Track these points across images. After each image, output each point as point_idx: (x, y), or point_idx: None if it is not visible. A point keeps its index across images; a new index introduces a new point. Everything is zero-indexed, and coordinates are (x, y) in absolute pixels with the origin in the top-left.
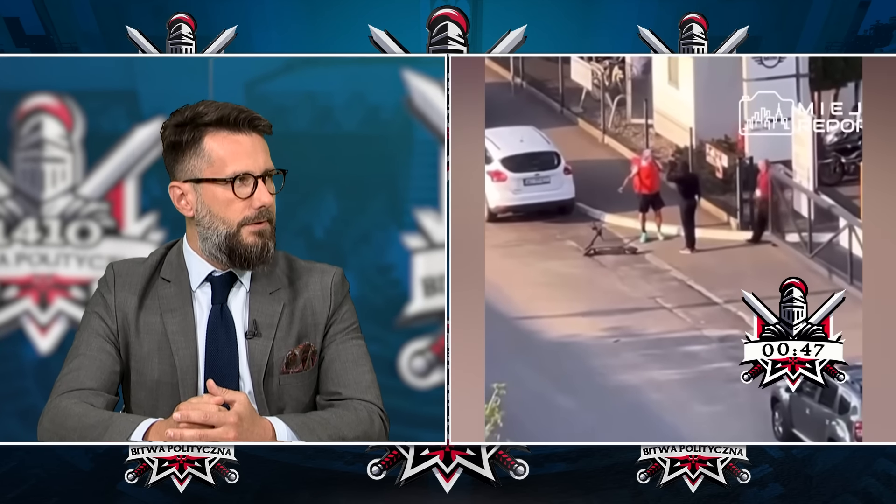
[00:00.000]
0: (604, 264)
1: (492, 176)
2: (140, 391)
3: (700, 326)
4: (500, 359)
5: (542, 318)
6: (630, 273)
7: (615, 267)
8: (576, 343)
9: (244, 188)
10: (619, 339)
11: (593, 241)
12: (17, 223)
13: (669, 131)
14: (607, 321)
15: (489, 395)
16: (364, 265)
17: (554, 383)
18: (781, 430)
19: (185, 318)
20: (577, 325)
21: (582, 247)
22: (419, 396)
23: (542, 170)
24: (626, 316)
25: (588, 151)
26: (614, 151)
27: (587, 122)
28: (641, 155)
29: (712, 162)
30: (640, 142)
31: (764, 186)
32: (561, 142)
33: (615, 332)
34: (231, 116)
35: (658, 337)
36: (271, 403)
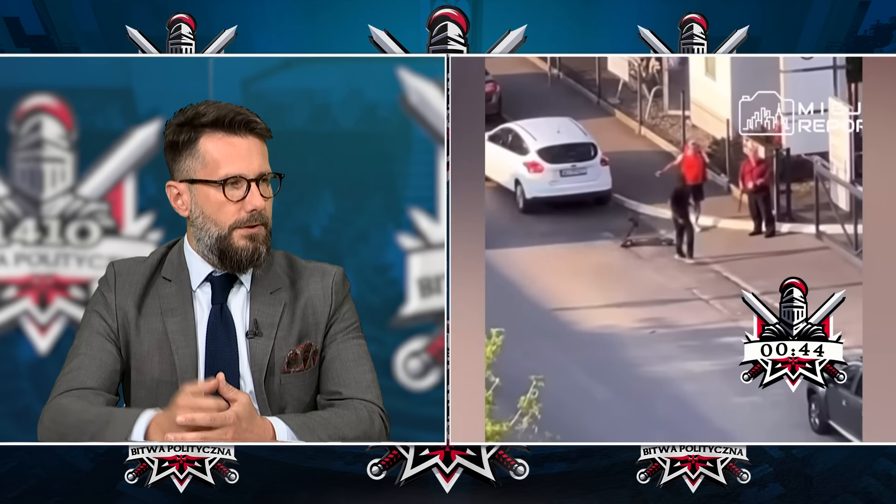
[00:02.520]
0: (640, 256)
1: (528, 167)
2: (140, 390)
3: (736, 318)
4: (536, 350)
5: (578, 310)
6: (666, 264)
7: (651, 258)
8: (612, 334)
9: (236, 191)
10: (655, 330)
11: (630, 233)
12: (17, 223)
13: (706, 123)
14: (643, 312)
15: (525, 387)
16: (361, 265)
17: (590, 374)
18: (818, 421)
19: (185, 317)
20: (613, 317)
21: (618, 238)
22: (418, 397)
23: (579, 161)
24: (663, 307)
25: (625, 143)
26: (651, 143)
27: (624, 114)
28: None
29: (749, 154)
30: (677, 133)
31: (758, 176)
32: (597, 133)
33: (651, 323)
34: (227, 118)
35: (694, 328)
36: (272, 403)
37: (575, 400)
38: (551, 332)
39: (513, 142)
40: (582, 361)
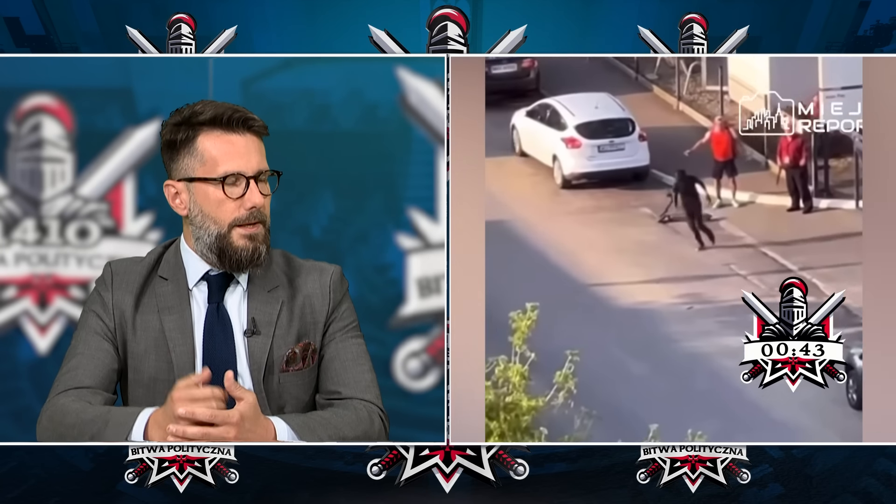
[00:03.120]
0: (678, 231)
1: (566, 142)
2: (137, 389)
3: (774, 293)
4: (573, 325)
5: (616, 285)
6: (704, 239)
7: (689, 234)
8: (649, 310)
9: (235, 188)
10: (692, 305)
11: (668, 208)
12: (17, 223)
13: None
14: (681, 288)
15: (561, 362)
16: (361, 265)
17: (627, 350)
18: (855, 397)
19: (182, 315)
20: (651, 292)
21: (656, 214)
22: (418, 397)
23: (617, 136)
24: (700, 283)
25: (663, 118)
26: (689, 118)
27: (662, 89)
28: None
29: (787, 129)
30: (715, 109)
31: (795, 151)
32: (636, 108)
33: (689, 298)
34: (225, 116)
35: (732, 304)
36: (271, 401)
37: (611, 375)
38: (588, 308)
39: (551, 117)
40: (619, 337)
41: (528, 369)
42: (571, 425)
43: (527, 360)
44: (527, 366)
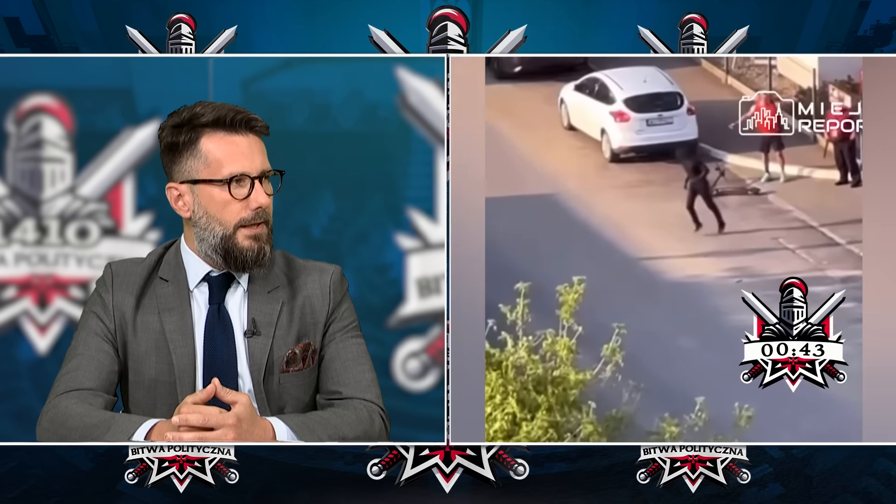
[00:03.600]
0: (726, 205)
1: (615, 116)
2: (138, 390)
3: (822, 267)
4: (620, 299)
5: (663, 259)
6: (752, 213)
7: (738, 207)
8: (698, 283)
9: (241, 189)
10: (741, 279)
11: (716, 182)
12: (16, 223)
13: (792, 71)
14: (729, 262)
15: (608, 336)
16: (362, 265)
17: (674, 324)
18: None
19: (182, 317)
20: (699, 266)
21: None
22: (418, 397)
23: (666, 110)
24: (749, 257)
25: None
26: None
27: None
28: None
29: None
30: (764, 82)
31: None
32: (684, 82)
33: (737, 272)
34: (227, 117)
35: (780, 277)
36: (271, 402)
37: (659, 349)
38: (636, 281)
39: (599, 91)
40: (666, 310)
41: (575, 343)
42: (619, 399)
43: (574, 334)
44: (574, 339)
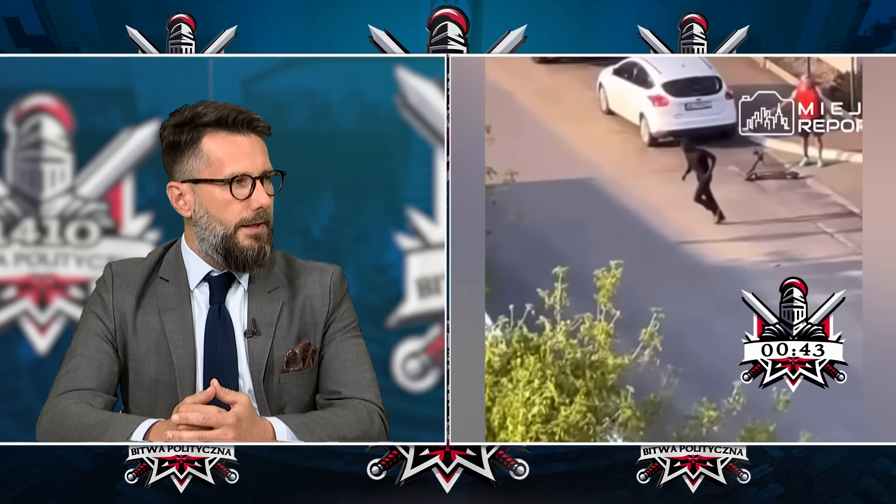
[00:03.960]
0: (765, 189)
1: (653, 100)
2: (138, 390)
3: (861, 251)
4: (658, 283)
5: (702, 243)
6: (791, 198)
7: (776, 192)
8: (736, 268)
9: (242, 189)
10: (779, 263)
11: (755, 166)
12: (16, 223)
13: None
14: (768, 246)
15: (646, 320)
16: (362, 265)
17: (714, 307)
18: None
19: (183, 317)
20: (738, 250)
21: (743, 172)
22: (418, 397)
23: (704, 94)
24: (787, 241)
25: (749, 76)
26: (775, 76)
27: None
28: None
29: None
30: (802, 67)
31: None
32: (722, 66)
33: (776, 256)
34: (230, 117)
35: (819, 262)
36: (271, 402)
37: (697, 333)
38: (674, 265)
39: (638, 75)
40: (704, 294)
41: (613, 327)
42: (657, 383)
43: (612, 318)
44: (612, 324)
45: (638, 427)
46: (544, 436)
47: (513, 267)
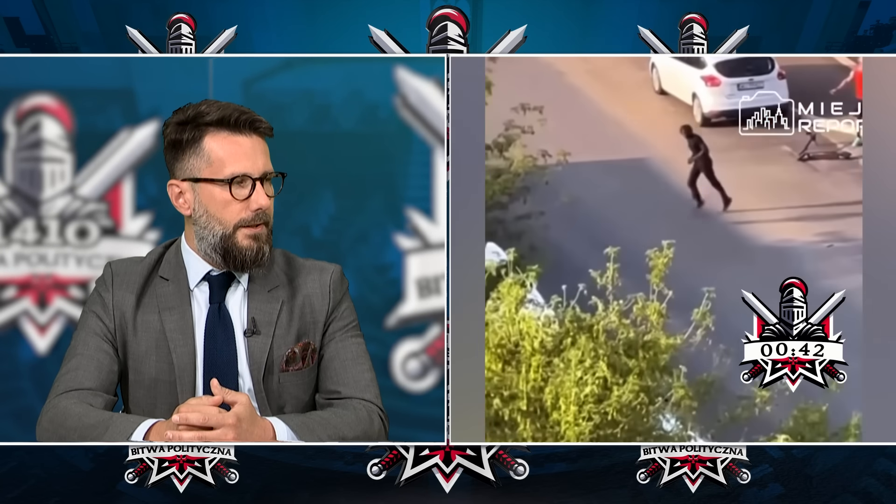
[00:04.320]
0: (817, 169)
1: (706, 81)
2: (138, 390)
3: None
4: (710, 263)
5: (754, 223)
6: (844, 178)
7: (829, 172)
8: (789, 248)
9: (242, 190)
10: (832, 244)
11: (807, 146)
12: (16, 223)
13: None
14: (820, 226)
15: (698, 300)
16: (362, 265)
17: (765, 287)
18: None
19: (182, 316)
20: (790, 230)
21: (796, 152)
22: (418, 397)
23: (757, 74)
24: (840, 221)
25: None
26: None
27: None
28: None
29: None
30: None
31: None
32: None
33: (828, 237)
34: (232, 117)
35: None
36: (271, 401)
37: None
38: (725, 245)
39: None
40: (757, 274)
41: (665, 307)
42: (710, 363)
43: (664, 298)
44: (664, 304)
45: (690, 407)
46: (597, 416)
47: (565, 247)
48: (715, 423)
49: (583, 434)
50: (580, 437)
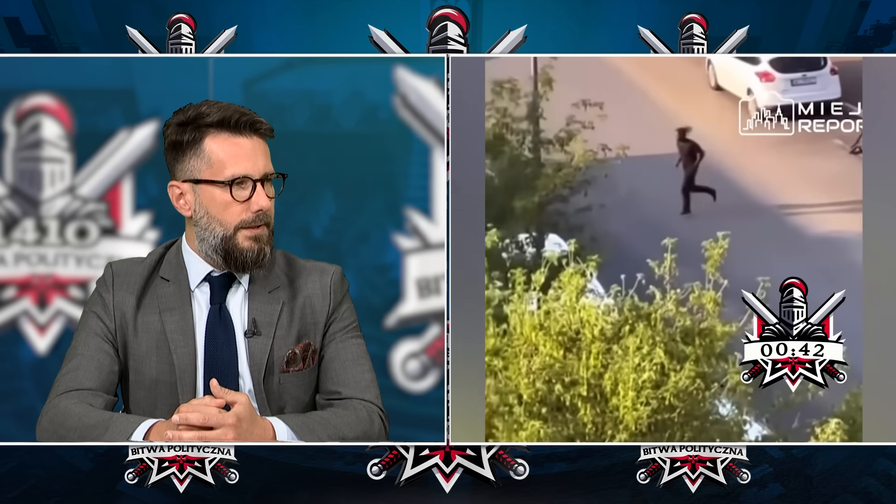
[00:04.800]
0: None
1: (760, 76)
2: (139, 390)
3: None
4: (765, 253)
5: (807, 214)
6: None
7: None
8: (841, 238)
9: (242, 191)
10: None
11: (858, 140)
12: (16, 223)
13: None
14: None
15: (753, 289)
16: (362, 265)
17: (817, 277)
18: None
19: (183, 316)
20: (841, 221)
21: (847, 145)
22: (418, 397)
23: (809, 70)
24: None
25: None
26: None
27: None
28: None
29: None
30: None
31: None
32: None
33: None
34: (233, 119)
35: None
36: (272, 402)
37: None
38: (779, 236)
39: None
40: (809, 264)
41: (721, 296)
42: None
43: (720, 287)
44: (720, 293)
45: (746, 393)
46: (654, 401)
47: (624, 238)
48: (769, 407)
49: (641, 419)
50: (638, 422)
